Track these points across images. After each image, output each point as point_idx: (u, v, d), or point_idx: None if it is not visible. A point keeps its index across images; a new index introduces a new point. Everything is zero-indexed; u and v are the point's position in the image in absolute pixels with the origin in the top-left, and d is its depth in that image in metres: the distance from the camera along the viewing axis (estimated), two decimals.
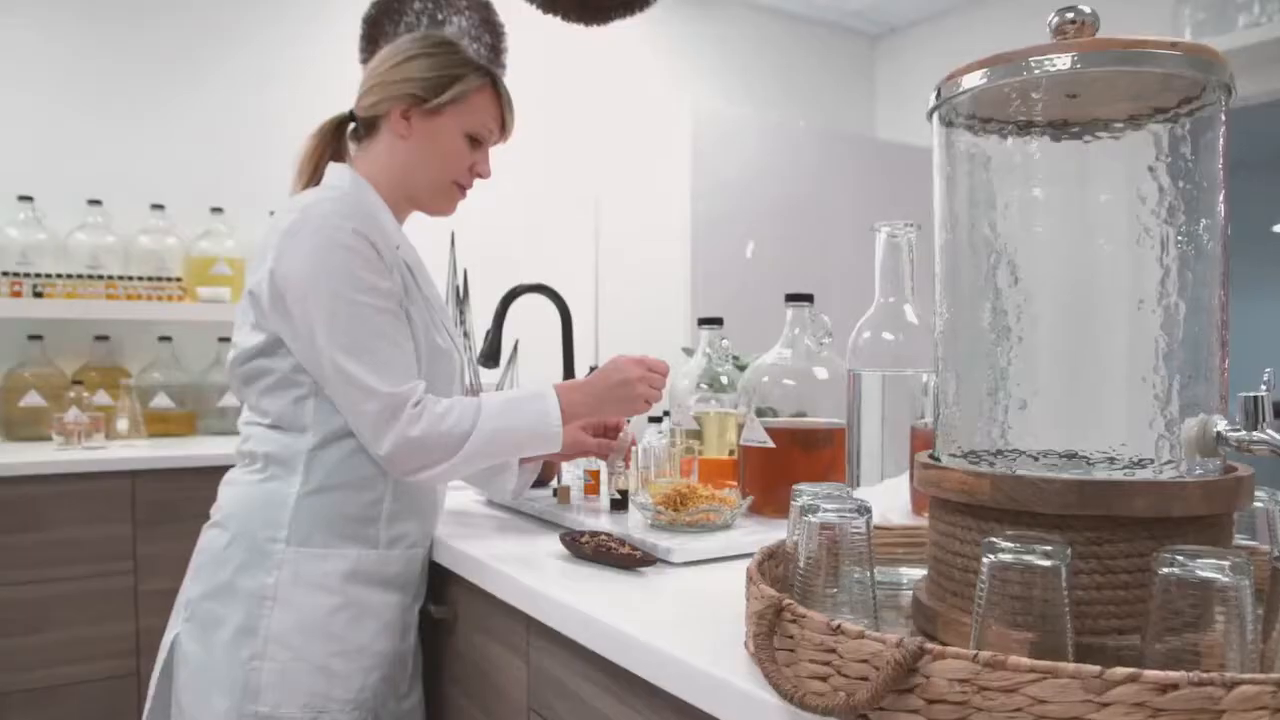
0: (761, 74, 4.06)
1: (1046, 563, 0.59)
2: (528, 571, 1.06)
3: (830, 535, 0.73)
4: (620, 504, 1.35)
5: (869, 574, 0.74)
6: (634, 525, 1.22)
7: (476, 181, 1.32)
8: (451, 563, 1.22)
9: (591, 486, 1.46)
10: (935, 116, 0.79)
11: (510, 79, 2.89)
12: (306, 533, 1.13)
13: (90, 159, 2.78)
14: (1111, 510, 0.63)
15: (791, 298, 1.28)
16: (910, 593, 0.88)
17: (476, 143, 1.29)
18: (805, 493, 0.82)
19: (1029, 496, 0.65)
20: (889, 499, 0.83)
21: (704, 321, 1.50)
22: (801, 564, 0.74)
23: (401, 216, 1.31)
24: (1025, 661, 0.52)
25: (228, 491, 1.20)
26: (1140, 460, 0.66)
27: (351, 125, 1.31)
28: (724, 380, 1.46)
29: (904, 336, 0.88)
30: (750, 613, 0.71)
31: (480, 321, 2.05)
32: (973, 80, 0.72)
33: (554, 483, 1.50)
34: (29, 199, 2.62)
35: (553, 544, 1.18)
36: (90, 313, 2.60)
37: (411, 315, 1.18)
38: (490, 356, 1.97)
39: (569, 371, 2.08)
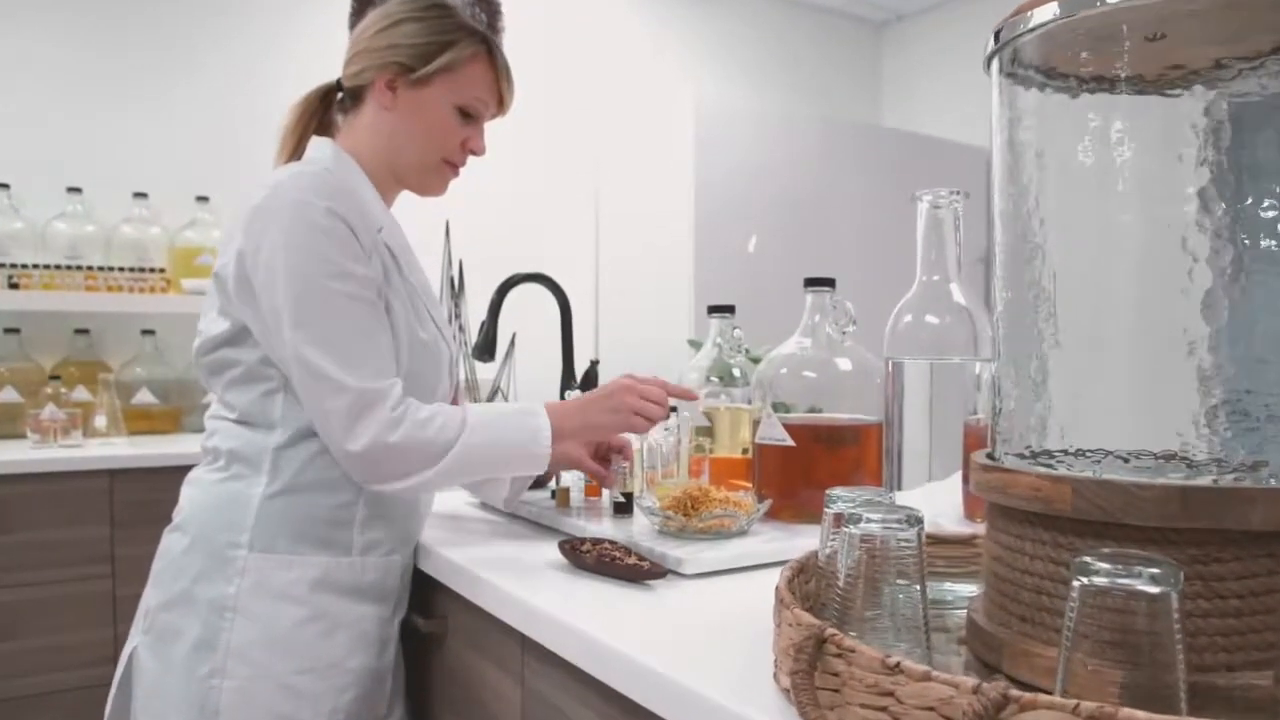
0: (764, 61, 3.95)
1: (1154, 589, 0.48)
2: (522, 584, 0.95)
3: (874, 549, 0.63)
4: (624, 507, 1.24)
5: (920, 595, 0.63)
6: (640, 531, 1.11)
7: (473, 166, 1.21)
8: (437, 572, 1.11)
9: (593, 488, 1.35)
10: (995, 63, 0.68)
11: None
12: (271, 537, 1.03)
13: (70, 145, 2.66)
14: (1222, 523, 0.52)
15: (811, 282, 1.17)
16: (959, 612, 0.77)
17: (469, 117, 1.18)
18: (840, 498, 0.71)
19: (1120, 505, 0.54)
20: (936, 505, 0.72)
21: (714, 309, 1.39)
22: (841, 582, 0.64)
23: (389, 196, 1.20)
24: (1140, 715, 0.42)
25: (188, 492, 1.10)
26: (1255, 464, 0.55)
27: (338, 95, 1.21)
28: (736, 373, 1.35)
29: (951, 320, 0.77)
30: (785, 644, 0.61)
31: (475, 313, 1.94)
32: (1045, 14, 0.61)
33: (552, 484, 1.39)
34: (5, 186, 2.51)
35: (550, 552, 1.07)
36: (69, 305, 2.49)
37: (391, 305, 1.08)
38: (485, 349, 1.86)
39: (568, 365, 1.97)
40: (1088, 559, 0.50)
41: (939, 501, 0.74)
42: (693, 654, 0.73)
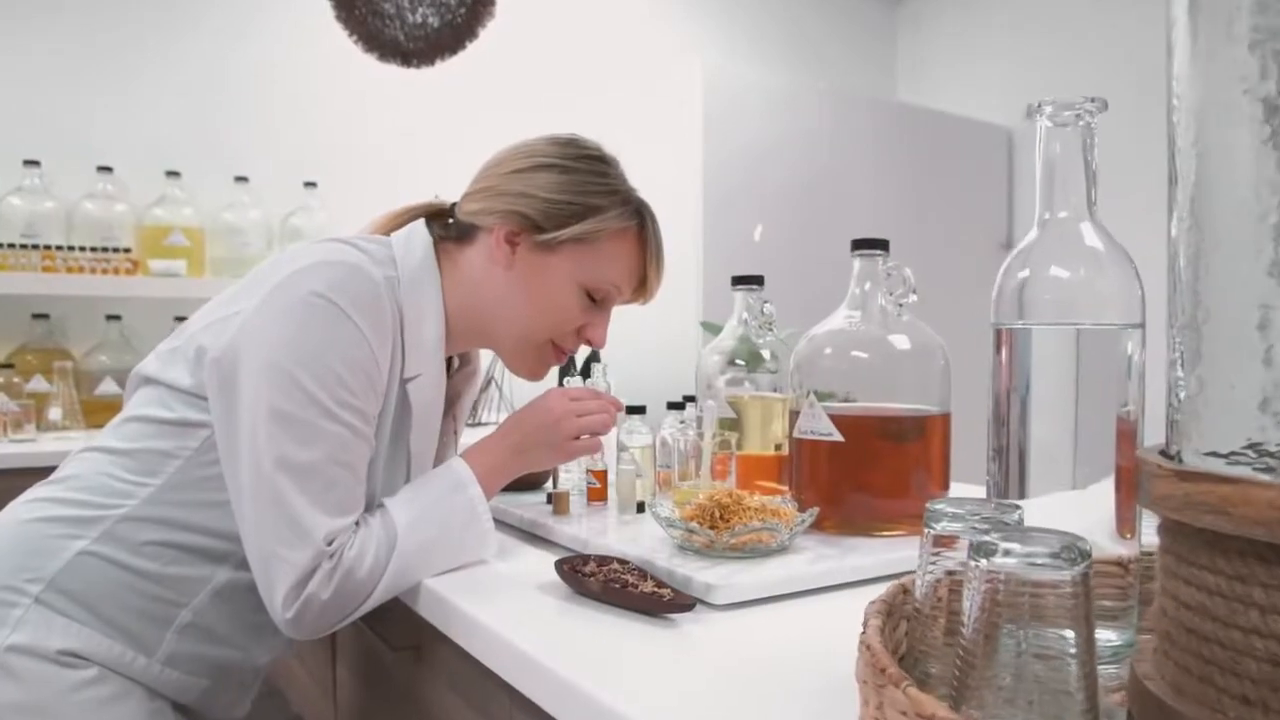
0: (774, 38, 3.75)
1: None
2: (508, 617, 0.75)
3: (1016, 594, 0.43)
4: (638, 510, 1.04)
5: (1083, 659, 0.43)
6: (654, 546, 0.91)
7: (470, 144, 1.01)
8: (408, 597, 0.91)
9: (597, 491, 1.15)
10: None
11: (502, 38, 2.57)
12: (66, 598, 0.83)
13: (27, 115, 2.45)
14: None
15: (860, 244, 0.97)
16: (1102, 669, 0.57)
17: (596, 300, 0.97)
18: (948, 514, 0.52)
19: None
20: (1072, 518, 0.52)
21: (739, 280, 1.19)
22: (967, 637, 0.44)
23: (460, 345, 1.01)
24: None
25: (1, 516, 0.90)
26: None
27: (448, 219, 1.01)
28: (766, 354, 1.15)
29: (1085, 272, 0.57)
30: None
31: None
32: None
33: (548, 485, 1.19)
34: None
35: (546, 572, 0.87)
36: (24, 287, 2.29)
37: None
38: None
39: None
40: None
41: (1075, 515, 0.54)
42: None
